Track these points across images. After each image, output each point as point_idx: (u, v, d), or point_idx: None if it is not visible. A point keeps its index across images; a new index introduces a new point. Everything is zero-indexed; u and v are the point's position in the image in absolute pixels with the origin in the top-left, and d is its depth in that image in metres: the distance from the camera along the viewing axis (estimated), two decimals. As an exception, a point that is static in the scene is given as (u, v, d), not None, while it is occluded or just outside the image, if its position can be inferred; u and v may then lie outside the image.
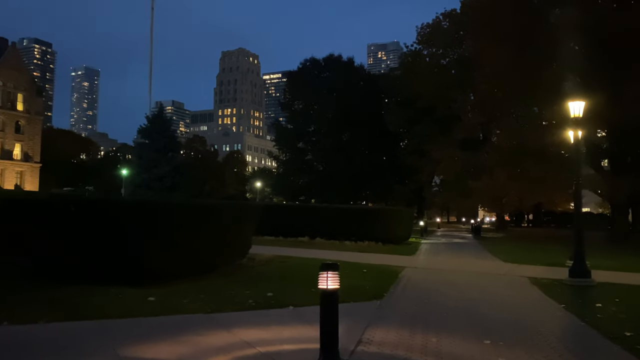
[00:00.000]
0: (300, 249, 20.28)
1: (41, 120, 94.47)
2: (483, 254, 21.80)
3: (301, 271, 12.90)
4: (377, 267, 14.75)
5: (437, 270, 14.91)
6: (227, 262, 12.12)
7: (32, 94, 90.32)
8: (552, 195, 38.95)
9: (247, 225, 12.60)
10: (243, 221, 12.19)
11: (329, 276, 5.49)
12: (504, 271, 15.05)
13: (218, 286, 9.96)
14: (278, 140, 64.98)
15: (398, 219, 24.54)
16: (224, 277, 11.05)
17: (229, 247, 11.80)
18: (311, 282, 11.64)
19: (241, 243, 12.43)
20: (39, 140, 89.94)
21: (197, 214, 10.37)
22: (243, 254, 12.92)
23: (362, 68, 63.11)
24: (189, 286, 9.69)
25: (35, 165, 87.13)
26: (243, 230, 12.25)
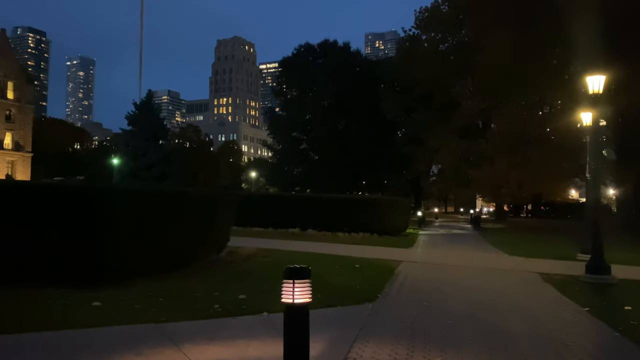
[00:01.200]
0: (290, 241, 18.88)
1: (32, 109, 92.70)
2: (485, 246, 20.45)
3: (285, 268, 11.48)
4: (371, 262, 13.36)
5: (437, 265, 13.51)
6: (200, 258, 10.68)
7: (23, 82, 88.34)
8: (554, 184, 37.63)
9: (223, 216, 11.15)
10: (217, 211, 10.75)
11: (295, 286, 4.03)
12: (510, 266, 13.67)
13: (183, 286, 8.53)
14: (272, 129, 63.25)
15: (394, 209, 23.14)
16: (194, 275, 9.62)
17: (201, 241, 10.36)
18: None
19: (216, 236, 11.00)
20: (30, 129, 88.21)
21: (159, 202, 8.92)
22: (219, 247, 11.48)
23: (359, 54, 61.21)
24: (149, 287, 8.26)
25: (27, 154, 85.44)
26: (217, 221, 10.81)
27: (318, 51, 60.35)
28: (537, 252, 17.69)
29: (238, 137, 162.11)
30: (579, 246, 18.51)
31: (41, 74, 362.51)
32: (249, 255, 12.92)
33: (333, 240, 19.48)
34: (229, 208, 11.62)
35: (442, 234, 27.69)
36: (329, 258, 13.73)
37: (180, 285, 8.60)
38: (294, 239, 19.44)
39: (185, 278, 9.30)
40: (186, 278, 9.30)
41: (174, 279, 9.11)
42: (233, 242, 16.57)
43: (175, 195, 9.57)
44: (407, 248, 18.19)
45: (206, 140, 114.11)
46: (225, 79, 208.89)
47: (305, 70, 58.40)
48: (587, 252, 15.59)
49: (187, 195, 9.95)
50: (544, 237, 25.86)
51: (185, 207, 9.62)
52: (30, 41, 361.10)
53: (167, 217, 9.04)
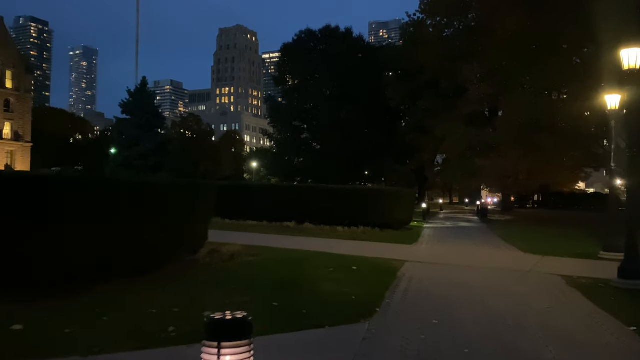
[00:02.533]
0: (284, 236, 17.41)
1: (31, 98, 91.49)
2: (495, 241, 18.91)
3: (272, 271, 10.00)
4: (371, 262, 11.86)
5: (445, 265, 12.01)
6: (171, 259, 9.22)
7: (22, 71, 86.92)
8: (566, 174, 35.97)
9: (198, 210, 9.66)
10: (191, 205, 9.25)
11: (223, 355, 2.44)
12: (527, 266, 12.14)
13: (140, 298, 7.06)
14: (272, 117, 61.44)
15: (397, 200, 21.58)
16: (159, 282, 8.15)
17: (172, 240, 8.88)
18: (280, 289, 8.26)
19: (190, 233, 9.51)
20: (30, 119, 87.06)
21: (111, 195, 7.41)
22: (195, 247, 10.00)
23: (361, 39, 59.05)
24: (99, 298, 6.81)
25: (26, 144, 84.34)
26: (192, 216, 9.31)
27: (320, 37, 58.39)
28: (553, 248, 16.15)
29: (240, 127, 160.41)
30: (598, 241, 17.07)
31: (44, 64, 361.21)
32: (233, 255, 11.44)
33: (331, 235, 18.02)
34: (206, 201, 10.12)
35: (448, 227, 26.16)
36: (324, 257, 12.26)
37: (137, 297, 7.13)
38: (288, 234, 17.98)
39: (148, 286, 7.83)
40: (148, 286, 7.83)
41: (133, 287, 7.65)
42: (220, 237, 15.11)
43: (135, 185, 8.06)
44: (411, 244, 16.69)
45: (207, 130, 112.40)
46: (227, 68, 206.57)
47: (307, 56, 56.49)
48: (610, 250, 14.12)
49: (150, 186, 8.44)
50: (556, 231, 24.26)
51: (149, 199, 8.12)
52: (33, 31, 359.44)
53: (125, 212, 7.56)
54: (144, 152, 38.61)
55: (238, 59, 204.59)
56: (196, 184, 10.24)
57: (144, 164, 38.30)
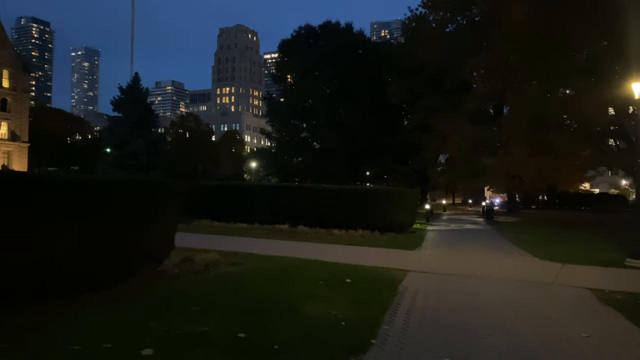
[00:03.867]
0: (275, 240, 15.89)
1: (29, 97, 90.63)
2: (506, 245, 17.29)
3: (250, 286, 8.46)
4: (368, 272, 10.31)
5: (454, 276, 10.42)
6: (130, 272, 7.68)
7: (19, 70, 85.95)
8: (578, 173, 34.25)
9: (162, 214, 8.12)
10: (152, 208, 7.72)
11: None
12: (548, 277, 10.56)
13: (66, 329, 5.52)
14: (270, 116, 59.79)
15: (399, 201, 19.97)
16: (107, 303, 6.62)
17: (127, 249, 7.33)
18: (254, 311, 6.30)
19: (151, 241, 7.97)
20: (27, 118, 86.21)
21: (44, 195, 5.87)
22: (157, 257, 8.46)
23: (362, 35, 57.20)
24: (14, 328, 5.29)
25: (23, 144, 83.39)
26: (152, 221, 7.77)
27: (319, 33, 56.70)
28: (571, 254, 14.57)
29: (241, 127, 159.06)
30: (620, 246, 15.52)
31: (45, 65, 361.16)
32: (208, 264, 9.91)
33: (326, 240, 16.46)
34: (170, 203, 8.56)
35: (453, 230, 24.53)
36: (315, 266, 10.72)
37: (64, 325, 5.59)
38: (280, 238, 16.44)
39: (87, 309, 6.28)
40: (88, 309, 6.28)
41: (69, 310, 6.12)
42: (202, 242, 13.62)
43: (76, 184, 6.50)
44: (415, 250, 15.10)
45: (206, 129, 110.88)
46: (228, 68, 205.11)
47: (306, 53, 54.82)
48: (638, 257, 12.67)
49: (96, 184, 6.87)
50: (569, 233, 22.69)
51: (95, 201, 6.58)
52: (34, 32, 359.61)
53: (64, 216, 6.03)
54: (135, 150, 37.13)
55: (239, 59, 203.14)
56: (156, 182, 8.66)
57: (135, 163, 36.80)
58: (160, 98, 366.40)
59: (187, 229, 18.48)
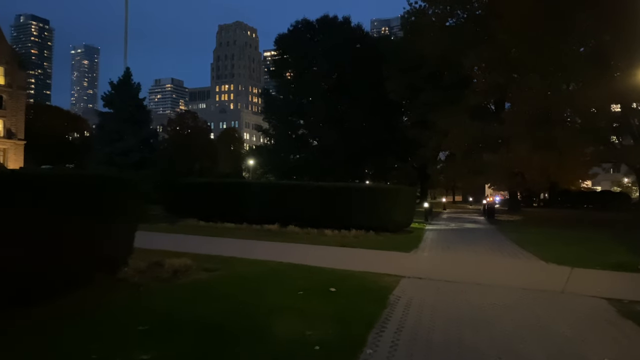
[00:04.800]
0: (261, 242, 14.84)
1: (25, 94, 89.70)
2: (509, 247, 16.21)
3: (219, 298, 7.39)
4: (357, 279, 9.25)
5: (453, 283, 9.35)
6: (79, 281, 6.62)
7: (15, 67, 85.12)
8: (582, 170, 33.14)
9: (115, 213, 7.05)
10: (96, 206, 6.65)
11: None
12: (558, 283, 9.48)
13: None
14: (267, 112, 58.57)
15: (396, 199, 18.87)
16: (39, 321, 5.57)
17: (71, 254, 6.27)
18: (213, 334, 5.07)
19: (100, 246, 6.90)
20: (23, 116, 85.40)
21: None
22: (112, 264, 7.40)
23: (360, 29, 55.79)
24: None
25: (19, 142, 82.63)
26: (101, 222, 6.71)
27: (317, 28, 55.40)
28: (580, 256, 13.51)
29: (240, 124, 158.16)
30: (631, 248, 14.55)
31: (45, 63, 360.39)
32: (178, 270, 8.85)
33: (317, 241, 15.39)
34: (128, 202, 7.50)
35: (453, 230, 23.47)
36: (299, 272, 9.66)
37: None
38: (267, 239, 15.38)
39: (11, 332, 5.23)
40: (11, 332, 5.23)
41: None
42: (181, 244, 12.60)
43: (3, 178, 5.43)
44: (411, 252, 14.03)
45: (204, 127, 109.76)
46: (227, 65, 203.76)
47: (303, 48, 53.59)
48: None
49: (28, 178, 5.79)
50: (575, 233, 21.61)
51: (26, 197, 5.52)
52: (34, 29, 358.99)
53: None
54: (126, 147, 35.90)
55: (238, 56, 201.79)
56: (107, 176, 7.56)
57: (126, 160, 35.64)
58: (160, 96, 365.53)
59: (170, 229, 17.48)
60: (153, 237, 15.02)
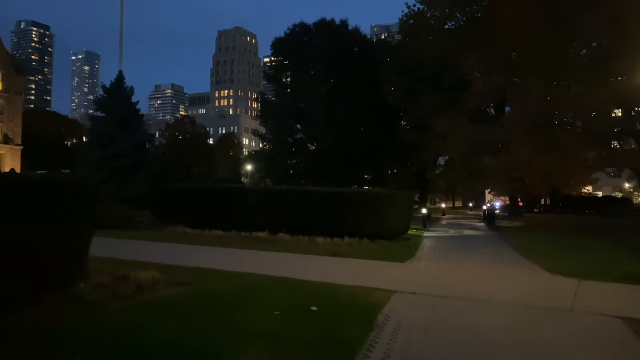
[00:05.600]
0: (248, 251, 13.96)
1: (22, 100, 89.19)
2: (512, 256, 15.31)
3: (182, 319, 6.49)
4: (343, 296, 8.35)
5: (451, 299, 8.45)
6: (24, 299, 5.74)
7: (12, 72, 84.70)
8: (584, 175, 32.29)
9: (61, 224, 6.17)
10: (41, 217, 5.79)
11: None
12: (565, 300, 8.58)
13: None
14: (264, 117, 57.76)
15: (391, 205, 17.98)
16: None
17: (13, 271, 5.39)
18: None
19: (44, 260, 6.02)
20: (20, 121, 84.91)
21: None
22: (61, 280, 6.51)
23: (358, 32, 54.91)
24: None
25: (17, 147, 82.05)
26: (44, 233, 5.83)
27: (314, 31, 54.61)
28: (587, 266, 12.65)
29: (239, 129, 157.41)
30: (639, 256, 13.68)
31: (45, 69, 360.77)
32: (143, 285, 7.97)
33: (307, 250, 14.50)
34: (77, 211, 6.63)
35: (452, 237, 22.56)
36: (280, 287, 8.78)
37: None
38: (255, 248, 14.49)
39: None
40: None
41: None
42: (162, 254, 11.75)
43: None
44: (406, 262, 13.13)
45: (202, 132, 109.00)
46: (226, 71, 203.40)
47: (300, 52, 52.80)
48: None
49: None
50: (580, 241, 20.71)
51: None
52: (34, 35, 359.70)
53: None
54: (118, 152, 35.12)
55: (237, 62, 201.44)
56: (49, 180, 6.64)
57: (117, 164, 34.87)
58: (160, 102, 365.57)
59: (154, 237, 16.61)
60: (133, 245, 14.17)
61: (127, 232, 17.45)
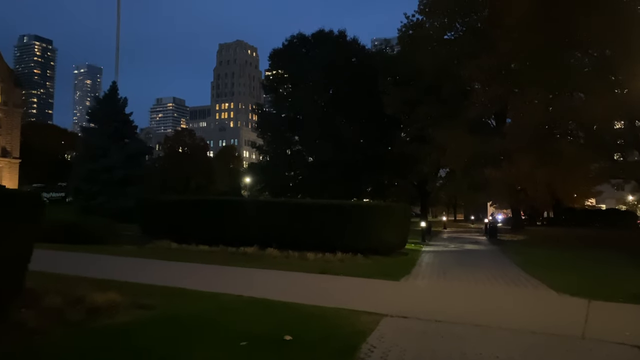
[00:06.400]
0: (230, 268, 13.03)
1: (20, 113, 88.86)
2: (514, 272, 14.34)
3: (130, 355, 5.57)
4: (325, 321, 7.39)
5: (446, 325, 7.50)
6: None
7: (10, 85, 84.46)
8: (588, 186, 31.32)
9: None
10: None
11: None
12: (575, 325, 7.63)
13: None
14: (262, 128, 56.99)
15: (387, 218, 17.01)
16: None
17: None
18: None
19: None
20: (18, 134, 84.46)
21: None
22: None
23: (356, 42, 54.24)
24: None
25: (14, 161, 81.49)
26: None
27: (312, 42, 54.05)
28: (597, 284, 11.71)
29: (239, 142, 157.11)
30: None
31: (47, 82, 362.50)
32: (97, 309, 7.07)
33: (295, 267, 13.55)
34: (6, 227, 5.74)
35: (451, 251, 21.59)
36: (254, 311, 7.84)
37: None
38: (239, 265, 13.55)
39: None
40: None
41: None
42: (133, 271, 10.85)
43: None
44: (401, 279, 12.17)
45: (201, 144, 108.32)
46: (227, 84, 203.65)
47: (298, 62, 52.16)
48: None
49: None
50: (584, 255, 19.75)
51: None
52: (37, 49, 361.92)
53: None
54: (110, 164, 34.35)
55: (238, 74, 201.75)
56: None
57: (110, 177, 34.08)
58: (162, 115, 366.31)
59: (134, 253, 15.68)
60: (106, 262, 13.26)
61: (108, 247, 16.55)
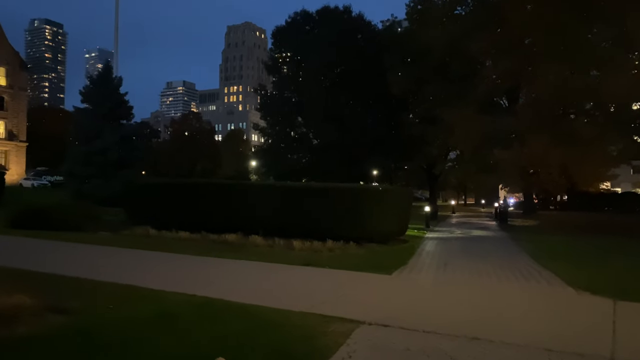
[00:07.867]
0: (203, 258, 11.56)
1: (26, 96, 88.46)
2: (524, 263, 12.69)
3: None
4: (282, 333, 5.86)
5: (435, 336, 5.93)
6: None
7: (16, 68, 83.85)
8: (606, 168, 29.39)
9: None
10: None
11: None
12: (601, 337, 6.05)
13: None
14: (264, 109, 55.18)
15: (384, 203, 15.34)
16: None
17: None
18: None
19: None
20: (24, 117, 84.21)
21: None
22: None
23: (361, 18, 51.48)
24: None
25: (21, 144, 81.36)
26: None
27: (317, 19, 51.81)
28: (619, 279, 10.09)
29: (247, 125, 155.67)
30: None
31: (58, 66, 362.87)
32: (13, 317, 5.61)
33: (276, 257, 12.03)
34: None
35: (457, 238, 19.95)
36: (196, 318, 6.33)
37: None
38: (214, 255, 12.08)
39: None
40: None
41: None
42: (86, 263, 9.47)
43: None
44: (394, 272, 10.60)
45: (208, 128, 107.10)
46: (235, 67, 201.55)
47: (301, 40, 50.13)
48: None
49: None
50: (602, 242, 18.04)
51: None
52: (47, 33, 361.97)
53: None
54: (104, 146, 33.00)
55: (246, 57, 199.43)
56: None
57: (104, 159, 32.78)
58: (172, 98, 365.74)
59: (105, 241, 14.26)
60: (63, 251, 11.88)
61: (80, 235, 15.20)
